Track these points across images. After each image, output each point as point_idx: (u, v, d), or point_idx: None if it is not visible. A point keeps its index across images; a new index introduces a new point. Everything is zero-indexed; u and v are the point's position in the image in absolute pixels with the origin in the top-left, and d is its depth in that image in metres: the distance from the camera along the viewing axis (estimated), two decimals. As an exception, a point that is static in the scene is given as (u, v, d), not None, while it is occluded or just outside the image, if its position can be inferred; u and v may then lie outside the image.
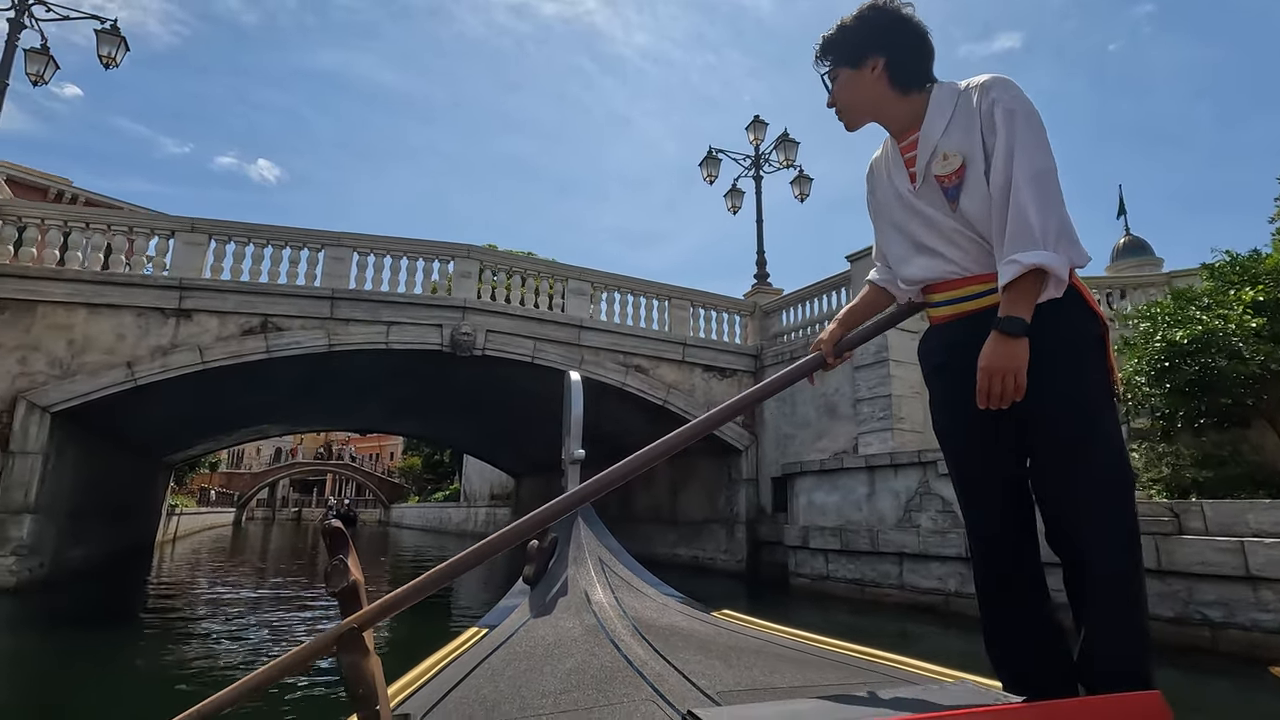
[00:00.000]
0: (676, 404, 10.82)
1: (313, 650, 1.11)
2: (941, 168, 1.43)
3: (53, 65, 9.55)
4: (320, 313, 9.11)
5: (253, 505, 55.51)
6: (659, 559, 12.11)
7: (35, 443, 7.77)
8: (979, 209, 1.39)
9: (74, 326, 8.18)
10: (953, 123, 1.43)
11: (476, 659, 1.34)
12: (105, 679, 4.59)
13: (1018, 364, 1.25)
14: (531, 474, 20.74)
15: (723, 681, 1.12)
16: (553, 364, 10.20)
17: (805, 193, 12.80)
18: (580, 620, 1.42)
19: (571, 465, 1.83)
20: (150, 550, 15.49)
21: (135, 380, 8.24)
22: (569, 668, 1.20)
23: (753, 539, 10.77)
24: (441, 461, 39.71)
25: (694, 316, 11.54)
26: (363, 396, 13.36)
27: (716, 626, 1.53)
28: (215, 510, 33.67)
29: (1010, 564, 1.43)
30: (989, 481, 1.44)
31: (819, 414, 10.08)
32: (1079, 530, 1.31)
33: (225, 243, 9.11)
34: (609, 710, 1.02)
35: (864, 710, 0.94)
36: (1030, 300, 1.29)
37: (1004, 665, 1.42)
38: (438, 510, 34.92)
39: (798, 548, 8.89)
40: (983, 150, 1.38)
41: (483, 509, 27.09)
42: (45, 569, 8.40)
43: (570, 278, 10.78)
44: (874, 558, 7.76)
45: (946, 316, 1.48)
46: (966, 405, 1.36)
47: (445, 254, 10.02)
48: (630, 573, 1.72)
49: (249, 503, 52.87)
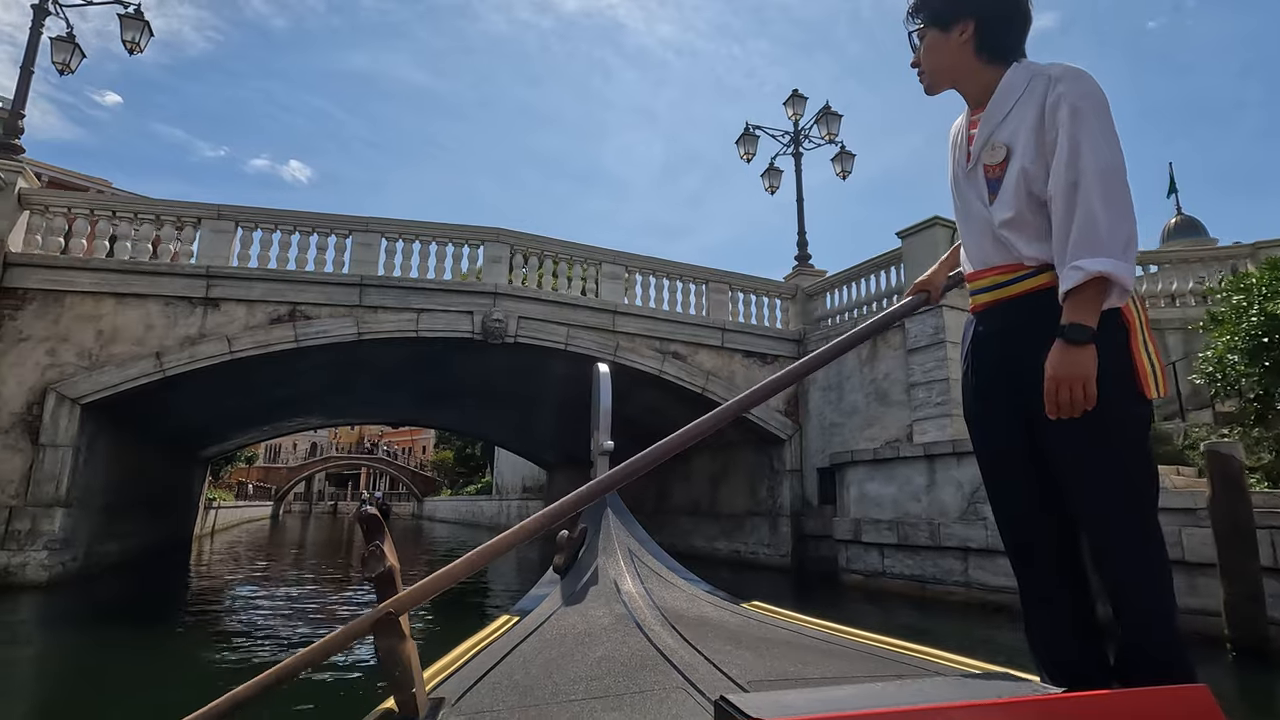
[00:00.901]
0: (716, 391, 10.35)
1: (350, 634, 1.12)
2: (990, 157, 1.41)
3: (79, 54, 9.41)
4: (349, 300, 8.84)
5: (290, 499, 56.51)
6: (698, 553, 11.70)
7: (65, 435, 7.63)
8: (1009, 213, 1.36)
9: (102, 317, 8.02)
10: (1014, 109, 1.38)
11: (508, 645, 1.33)
12: (135, 673, 4.41)
13: (1085, 372, 1.22)
14: (564, 466, 20.47)
15: (753, 671, 1.11)
16: (587, 351, 9.81)
17: (847, 170, 12.18)
18: (610, 609, 1.42)
19: (601, 457, 1.83)
20: (188, 544, 15.56)
21: (164, 371, 8.06)
22: (599, 655, 1.21)
23: (797, 532, 10.28)
24: (473, 455, 39.81)
25: (732, 300, 11.05)
26: (394, 388, 13.15)
27: (746, 617, 1.52)
28: (253, 504, 34.14)
29: (1043, 555, 1.41)
30: (1017, 472, 1.41)
31: (868, 400, 9.53)
32: (1104, 526, 1.30)
33: (252, 230, 8.89)
34: (640, 697, 1.03)
35: (899, 699, 0.88)
36: (1095, 306, 1.24)
37: (1042, 654, 1.40)
38: (470, 503, 34.99)
39: (849, 542, 8.39)
40: (1033, 150, 1.33)
41: (515, 502, 26.97)
42: (79, 563, 8.30)
43: (604, 261, 10.36)
44: (935, 553, 7.23)
45: (983, 304, 1.46)
46: (994, 394, 1.39)
47: (475, 238, 9.68)
48: (659, 563, 1.71)
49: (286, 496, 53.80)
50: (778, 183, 12.68)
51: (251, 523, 30.69)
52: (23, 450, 7.50)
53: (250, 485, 38.21)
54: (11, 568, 7.23)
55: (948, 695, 0.88)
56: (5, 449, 7.47)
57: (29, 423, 7.56)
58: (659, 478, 13.29)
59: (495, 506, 30.19)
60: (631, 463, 1.39)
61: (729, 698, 0.78)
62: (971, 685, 1.01)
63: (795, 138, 12.01)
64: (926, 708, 0.71)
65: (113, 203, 8.51)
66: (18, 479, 7.42)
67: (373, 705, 1.18)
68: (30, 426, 7.55)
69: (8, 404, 7.55)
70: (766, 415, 10.57)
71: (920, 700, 0.83)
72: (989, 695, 0.82)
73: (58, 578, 7.54)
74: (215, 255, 8.60)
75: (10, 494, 7.38)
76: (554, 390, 12.16)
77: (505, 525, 27.84)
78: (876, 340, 9.52)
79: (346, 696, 3.74)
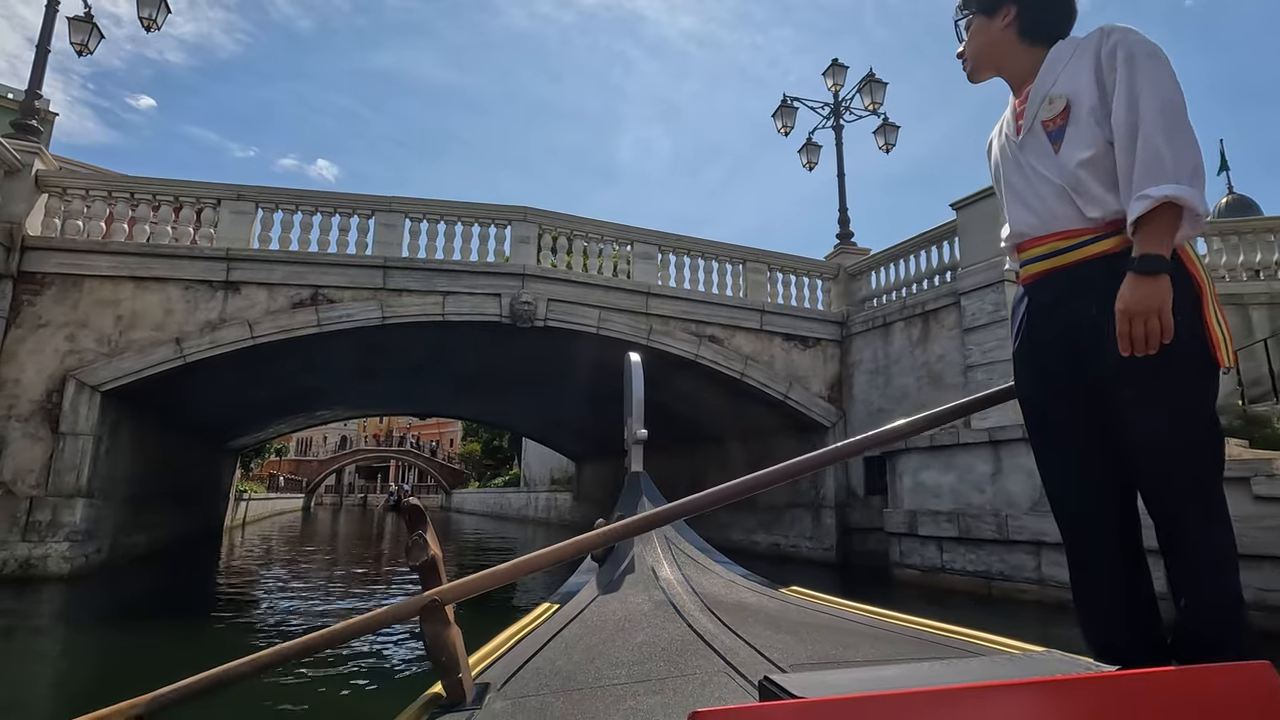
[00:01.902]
0: (755, 377, 9.84)
1: (395, 614, 1.18)
2: (1047, 112, 1.38)
3: (96, 34, 9.17)
4: (372, 283, 8.49)
5: (321, 491, 57.19)
6: (736, 546, 11.21)
7: (86, 423, 7.40)
8: (1085, 153, 1.32)
9: (121, 302, 7.76)
10: (1066, 69, 1.38)
11: (550, 633, 1.34)
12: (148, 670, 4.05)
13: (1159, 303, 1.16)
14: (593, 457, 20.09)
15: (795, 655, 1.10)
16: (619, 335, 9.36)
17: (891, 143, 11.51)
18: (649, 595, 1.42)
19: (635, 446, 1.84)
20: (219, 535, 15.49)
21: (184, 357, 7.79)
22: (640, 641, 1.21)
23: (842, 525, 9.74)
24: (501, 447, 39.73)
25: (771, 281, 10.49)
26: (421, 377, 12.85)
27: (785, 602, 1.51)
28: (284, 496, 34.42)
29: (1098, 532, 1.37)
30: (1072, 451, 1.38)
31: (920, 384, 8.94)
32: (1169, 502, 1.26)
33: (273, 211, 8.58)
34: (682, 681, 1.03)
35: (946, 678, 0.84)
36: (1167, 235, 1.19)
37: (1094, 635, 1.37)
38: (498, 495, 34.89)
39: (903, 535, 7.84)
40: (1096, 91, 1.32)
41: (543, 494, 26.72)
42: (103, 555, 8.10)
43: (636, 240, 9.88)
44: (1003, 547, 6.65)
45: (1037, 273, 1.41)
46: (1053, 368, 1.36)
47: (502, 218, 9.27)
48: (696, 550, 1.71)
49: (317, 488, 54.43)
50: (816, 158, 12.06)
51: (283, 515, 30.91)
52: (43, 439, 7.28)
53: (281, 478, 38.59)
54: (33, 559, 7.02)
55: (996, 674, 0.86)
56: (25, 438, 7.25)
57: (48, 411, 7.34)
58: (693, 467, 12.82)
59: (523, 499, 30.01)
60: (685, 501, 1.37)
61: (773, 677, 0.77)
62: (1020, 663, 0.98)
63: (835, 109, 11.38)
64: (975, 686, 0.66)
65: (131, 184, 8.25)
66: (38, 469, 7.21)
67: (420, 691, 1.17)
68: (50, 415, 7.33)
69: (27, 392, 7.34)
70: (808, 401, 10.03)
71: (968, 679, 0.79)
72: (1039, 674, 0.80)
73: (80, 570, 7.32)
74: (235, 237, 8.30)
75: (31, 484, 7.17)
76: (584, 378, 11.74)
77: (533, 518, 27.70)
78: (929, 319, 8.92)
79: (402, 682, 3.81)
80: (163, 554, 10.50)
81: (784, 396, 9.89)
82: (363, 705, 3.42)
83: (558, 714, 1.00)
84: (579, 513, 21.04)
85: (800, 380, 10.10)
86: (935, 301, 8.78)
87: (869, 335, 9.92)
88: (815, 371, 10.24)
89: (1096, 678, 0.71)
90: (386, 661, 4.23)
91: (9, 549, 6.96)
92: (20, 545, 7.00)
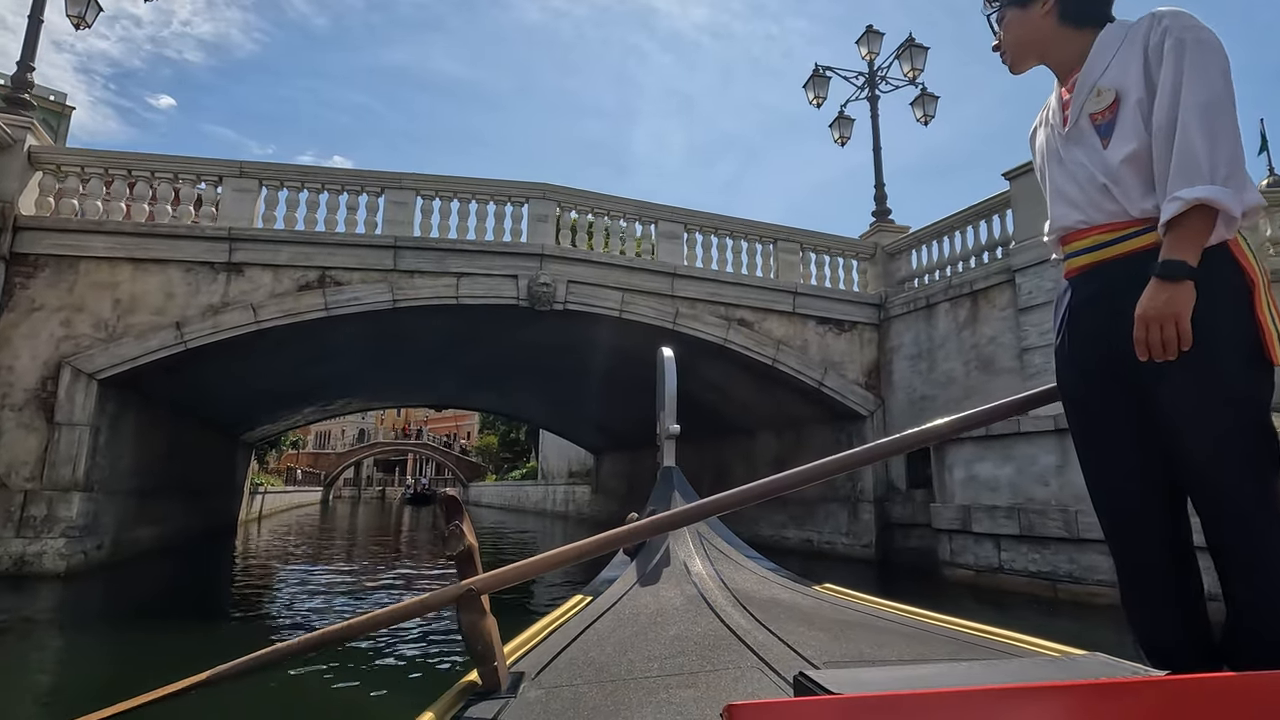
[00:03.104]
0: (788, 363, 9.25)
1: (431, 603, 1.19)
2: (1095, 104, 1.33)
3: (95, 8, 8.74)
4: (382, 264, 8.01)
5: (339, 485, 57.40)
6: (764, 542, 10.65)
7: (83, 413, 7.00)
8: (1130, 148, 1.27)
9: (119, 284, 7.35)
10: (1116, 57, 1.32)
11: (583, 624, 1.34)
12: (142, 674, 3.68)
13: (1178, 310, 1.14)
14: (612, 450, 19.60)
15: (829, 653, 1.09)
16: (643, 319, 8.82)
17: (930, 114, 10.81)
18: (681, 590, 1.42)
19: (667, 441, 1.85)
20: (233, 529, 15.20)
21: (185, 342, 7.36)
22: (672, 635, 1.21)
23: (882, 520, 9.14)
24: (518, 440, 39.44)
25: (804, 262, 9.88)
26: (435, 366, 12.41)
27: (819, 599, 1.50)
28: (302, 489, 34.34)
29: (1144, 531, 1.32)
30: (1120, 445, 1.32)
31: (968, 369, 8.30)
32: (1218, 502, 1.21)
33: (277, 189, 8.12)
34: (714, 676, 1.02)
35: (985, 678, 0.81)
36: (1196, 241, 1.16)
37: (1142, 638, 1.33)
38: (515, 489, 34.60)
39: (954, 532, 7.23)
40: (1144, 84, 1.27)
41: (561, 487, 26.32)
42: (105, 551, 7.72)
43: (660, 218, 9.31)
44: (1072, 546, 6.03)
45: (1081, 267, 1.37)
46: (1096, 362, 1.32)
47: (519, 195, 8.74)
48: (728, 545, 1.70)
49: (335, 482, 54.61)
50: (849, 132, 11.39)
51: (301, 508, 30.79)
52: (38, 430, 6.89)
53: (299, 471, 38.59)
54: (28, 556, 6.64)
55: (1037, 675, 0.83)
56: (20, 428, 6.87)
57: (43, 399, 6.94)
58: (717, 458, 12.27)
59: (541, 492, 29.69)
60: (718, 499, 1.33)
61: (808, 674, 0.75)
62: (1063, 666, 0.94)
63: (870, 80, 10.70)
64: (1015, 687, 0.63)
65: (129, 160, 7.82)
66: (33, 461, 6.82)
67: (457, 679, 1.17)
68: (45, 404, 6.93)
69: (21, 379, 6.95)
70: (844, 388, 9.43)
71: (1007, 680, 0.76)
72: (1082, 677, 0.77)
73: (79, 567, 6.94)
74: (238, 217, 7.85)
75: (25, 477, 6.78)
76: (604, 367, 11.23)
77: (551, 511, 27.35)
78: (978, 299, 8.27)
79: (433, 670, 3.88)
80: (171, 550, 10.15)
81: (819, 384, 9.29)
82: (400, 692, 3.47)
83: (591, 704, 0.99)
84: (598, 506, 20.58)
85: (835, 366, 9.49)
86: (985, 280, 8.13)
87: (910, 318, 9.28)
88: (851, 357, 9.63)
89: (1144, 682, 0.68)
90: (422, 650, 4.30)
91: (2, 545, 6.58)
92: (15, 541, 6.62)
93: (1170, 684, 0.66)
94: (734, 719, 0.55)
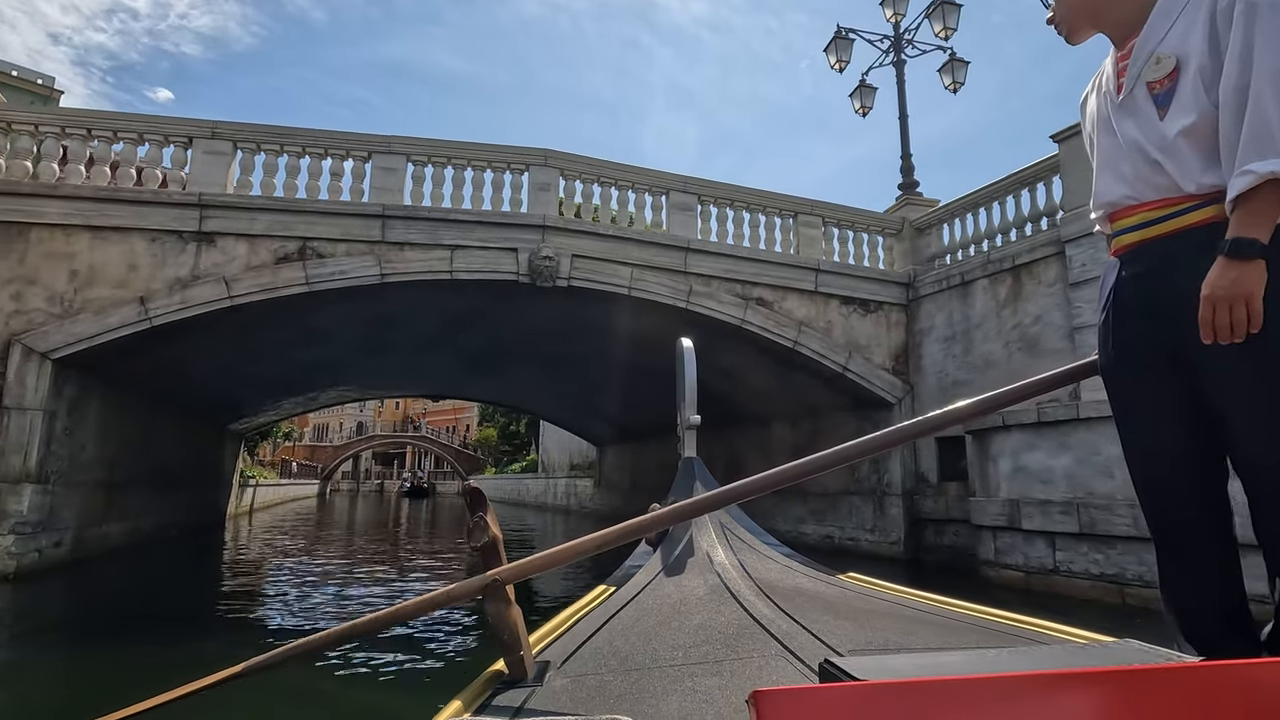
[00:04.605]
0: (810, 346, 8.55)
1: (458, 593, 1.17)
2: (1153, 72, 1.26)
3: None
4: (369, 235, 7.31)
5: (337, 478, 56.79)
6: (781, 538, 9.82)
7: (35, 396, 6.31)
8: (1189, 118, 1.21)
9: (76, 255, 6.64)
10: (1178, 22, 1.23)
11: (607, 614, 1.34)
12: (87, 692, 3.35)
13: (1248, 290, 1.09)
14: (616, 442, 18.93)
15: (854, 641, 1.06)
16: (654, 296, 8.12)
17: (959, 81, 10.08)
18: (704, 580, 1.42)
19: (688, 431, 1.86)
20: (220, 524, 14.52)
21: (150, 319, 6.66)
22: (696, 624, 1.20)
23: (911, 515, 8.47)
24: (517, 432, 38.80)
25: (826, 237, 9.18)
26: (430, 352, 11.71)
27: (843, 589, 1.49)
28: (297, 482, 33.67)
29: (1186, 519, 1.29)
30: (1160, 431, 1.29)
31: (1010, 351, 7.61)
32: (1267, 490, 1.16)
33: (254, 153, 7.40)
34: (740, 664, 1.02)
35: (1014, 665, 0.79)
36: (1269, 217, 1.11)
37: (1180, 623, 1.30)
38: (515, 482, 33.96)
39: (1001, 528, 6.55)
40: (1207, 51, 1.19)
41: (562, 480, 25.66)
42: (65, 549, 7.05)
43: (672, 188, 8.59)
44: (1142, 545, 5.35)
45: (1130, 244, 1.31)
46: (1141, 343, 1.29)
47: (518, 161, 8.02)
48: (751, 535, 1.69)
49: (332, 475, 53.98)
50: (870, 102, 10.65)
51: (296, 501, 30.12)
52: (-16, 415, 6.20)
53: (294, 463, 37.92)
54: (-29, 556, 5.96)
55: (1068, 662, 0.82)
56: (-36, 413, 6.18)
57: (-10, 381, 6.25)
58: (729, 449, 11.59)
59: (541, 485, 29.06)
60: (739, 486, 1.32)
61: (833, 661, 0.75)
62: (1094, 653, 0.91)
63: (896, 43, 9.96)
64: (1044, 674, 0.60)
65: (88, 119, 7.10)
66: (-21, 449, 6.14)
67: (484, 668, 1.16)
68: (-8, 386, 6.24)
69: (-35, 359, 6.25)
70: (869, 374, 8.73)
71: (1036, 667, 0.76)
72: (1115, 663, 0.76)
73: (32, 567, 6.27)
74: (210, 182, 7.14)
75: (-30, 467, 6.10)
76: (609, 354, 10.54)
77: (552, 505, 26.69)
78: (1021, 274, 7.57)
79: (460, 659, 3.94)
80: (148, 546, 9.48)
81: (843, 368, 8.60)
82: (429, 681, 3.52)
83: (617, 692, 0.99)
84: (601, 500, 19.91)
85: (861, 350, 8.80)
86: (1030, 253, 7.43)
87: (941, 297, 8.58)
88: (878, 340, 8.93)
89: (1179, 668, 0.63)
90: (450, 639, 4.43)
91: (-58, 543, 5.90)
92: (-43, 539, 5.94)
93: (1207, 670, 0.61)
94: (760, 705, 0.51)
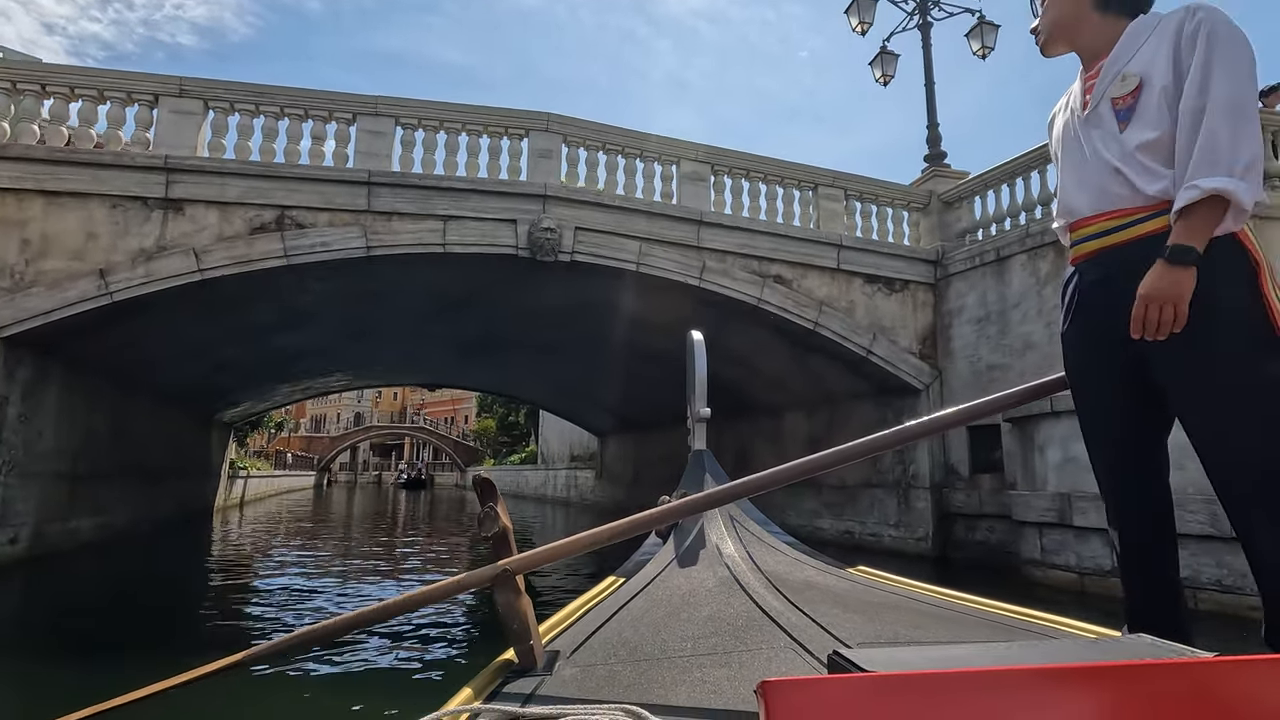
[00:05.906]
0: (832, 328, 7.94)
1: (468, 582, 1.19)
2: (1118, 89, 1.35)
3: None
4: (354, 204, 6.67)
5: (334, 469, 56.22)
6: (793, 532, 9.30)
7: (-19, 379, 5.70)
8: (1150, 133, 1.29)
9: (28, 223, 6.01)
10: (1144, 46, 1.34)
11: (617, 605, 1.35)
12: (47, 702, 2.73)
13: (1179, 293, 1.18)
14: (618, 432, 18.34)
15: (863, 634, 1.08)
16: (664, 273, 7.50)
17: (989, 46, 9.43)
18: (713, 572, 1.42)
19: (698, 424, 1.87)
20: (206, 516, 13.95)
21: (111, 294, 6.04)
22: (705, 615, 1.21)
23: (940, 510, 7.89)
24: (517, 423, 38.21)
25: (848, 212, 8.55)
26: (423, 336, 11.08)
27: (853, 582, 1.49)
28: (292, 473, 33.06)
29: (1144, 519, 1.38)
30: (1128, 429, 1.37)
31: (1052, 333, 6.98)
32: (1240, 488, 1.23)
33: (227, 113, 6.75)
34: (748, 655, 1.02)
35: (1024, 658, 0.78)
36: (1205, 229, 1.20)
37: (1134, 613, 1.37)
38: (514, 473, 33.40)
39: (1049, 524, 5.97)
40: (1170, 72, 1.29)
41: (562, 471, 25.10)
42: (23, 545, 6.45)
43: (684, 157, 7.95)
44: (1220, 545, 4.76)
45: (1089, 252, 1.39)
46: (1102, 345, 1.35)
47: (517, 126, 7.38)
48: (760, 528, 1.70)
49: (330, 466, 53.41)
50: (892, 70, 9.99)
51: (291, 493, 29.51)
52: (-75, 399, 5.59)
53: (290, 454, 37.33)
54: (-89, 555, 5.37)
55: (1079, 656, 0.82)
56: (-98, 397, 5.57)
57: (-69, 362, 5.64)
58: (739, 439, 10.99)
59: (541, 476, 28.51)
60: (750, 480, 1.34)
61: (842, 653, 0.75)
62: (1104, 647, 0.92)
63: (922, 5, 9.30)
64: (1053, 667, 0.61)
65: (42, 73, 6.44)
66: (-82, 437, 5.53)
67: (494, 657, 1.15)
68: (-67, 367, 5.63)
69: (-97, 337, 5.64)
70: (894, 357, 8.13)
71: (1046, 660, 0.75)
72: (1125, 658, 0.77)
73: (-20, 567, 5.68)
74: (178, 144, 6.49)
75: (-92, 457, 5.50)
76: (613, 339, 9.92)
77: (551, 497, 26.14)
78: (1064, 249, 6.94)
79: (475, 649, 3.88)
80: (122, 541, 8.90)
81: (867, 352, 7.99)
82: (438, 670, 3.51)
83: (626, 682, 0.99)
84: (603, 492, 19.34)
85: (885, 332, 8.19)
86: (1076, 225, 6.81)
87: (973, 275, 7.96)
88: (904, 321, 8.32)
89: (1188, 663, 0.65)
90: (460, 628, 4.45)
91: (-124, 541, 5.31)
92: (-108, 536, 5.35)
93: (1216, 665, 0.61)
94: (768, 696, 0.53)
